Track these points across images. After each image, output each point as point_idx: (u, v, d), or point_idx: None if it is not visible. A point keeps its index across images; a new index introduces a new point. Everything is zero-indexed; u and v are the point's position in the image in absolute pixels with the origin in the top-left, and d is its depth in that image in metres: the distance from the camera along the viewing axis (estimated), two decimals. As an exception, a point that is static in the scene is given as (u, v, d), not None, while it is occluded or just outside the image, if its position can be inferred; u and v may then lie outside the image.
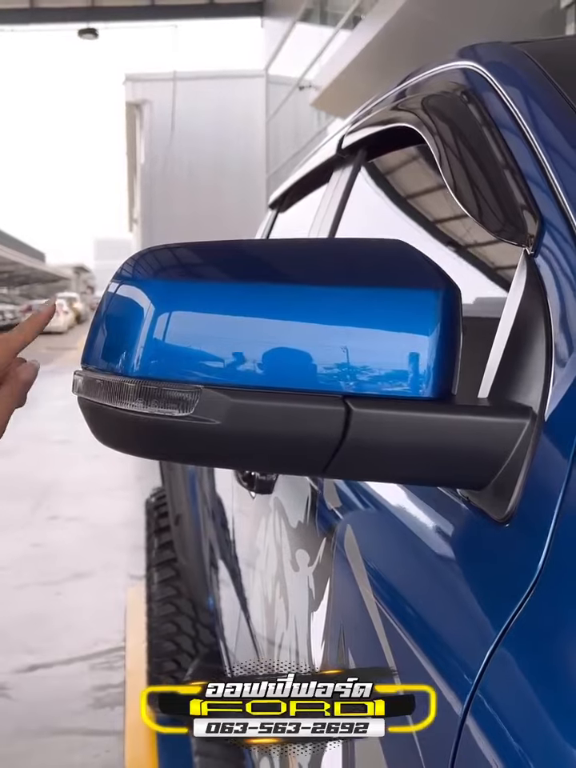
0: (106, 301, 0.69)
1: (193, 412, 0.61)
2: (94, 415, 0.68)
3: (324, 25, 15.56)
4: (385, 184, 1.48)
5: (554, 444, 0.58)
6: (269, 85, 21.19)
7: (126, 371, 0.64)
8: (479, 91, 0.98)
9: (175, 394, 0.62)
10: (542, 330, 0.64)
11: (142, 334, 0.63)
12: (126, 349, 0.64)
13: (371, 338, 0.61)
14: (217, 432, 0.61)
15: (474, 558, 0.62)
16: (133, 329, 0.64)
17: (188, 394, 0.62)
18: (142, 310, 0.64)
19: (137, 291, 0.65)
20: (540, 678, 0.51)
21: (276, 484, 1.16)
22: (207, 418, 0.61)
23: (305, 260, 0.66)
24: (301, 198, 2.09)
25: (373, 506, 0.81)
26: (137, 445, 0.66)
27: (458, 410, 0.62)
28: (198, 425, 0.61)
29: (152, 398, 0.62)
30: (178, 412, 0.62)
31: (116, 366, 0.65)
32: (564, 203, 0.70)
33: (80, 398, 0.69)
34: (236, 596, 1.63)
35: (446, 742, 0.56)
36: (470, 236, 1.10)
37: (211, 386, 0.62)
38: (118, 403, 0.64)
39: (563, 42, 1.19)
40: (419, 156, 1.31)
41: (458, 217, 1.17)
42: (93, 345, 0.68)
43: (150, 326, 0.63)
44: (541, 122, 0.84)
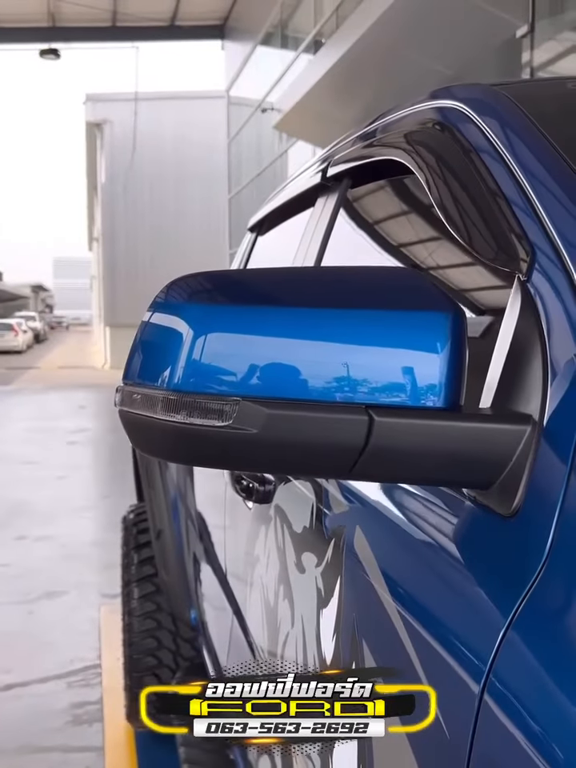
0: (146, 324, 0.76)
1: (232, 422, 0.69)
2: (136, 427, 0.75)
3: (285, 48, 15.77)
4: (369, 212, 1.57)
5: (553, 447, 0.67)
6: (230, 106, 21.37)
7: (169, 386, 0.71)
8: (463, 127, 1.07)
9: (215, 406, 0.69)
10: (538, 348, 0.72)
11: (183, 353, 0.70)
12: (168, 366, 0.71)
13: (390, 355, 0.69)
14: (253, 440, 0.69)
15: (482, 549, 0.70)
16: (173, 348, 0.71)
17: (227, 405, 0.69)
18: (182, 331, 0.71)
19: (175, 314, 0.73)
20: (549, 659, 0.56)
21: (275, 493, 1.23)
22: (245, 427, 0.68)
23: (328, 285, 0.74)
24: (281, 222, 2.17)
25: (380, 509, 0.89)
26: (179, 452, 0.73)
27: (467, 418, 0.70)
28: (237, 434, 0.69)
29: (194, 410, 0.69)
30: (218, 422, 0.69)
31: (158, 382, 0.72)
32: (552, 232, 0.79)
33: (122, 411, 0.76)
34: (228, 605, 1.69)
35: (464, 727, 0.60)
36: (454, 261, 1.19)
37: (248, 399, 0.69)
38: (162, 415, 0.71)
39: (535, 84, 1.29)
40: (403, 186, 1.40)
41: (440, 243, 1.26)
42: (135, 363, 0.75)
43: (190, 346, 0.70)
44: (524, 155, 0.93)
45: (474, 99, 1.13)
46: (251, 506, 1.35)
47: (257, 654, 1.38)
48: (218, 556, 1.89)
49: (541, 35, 6.66)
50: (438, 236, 1.22)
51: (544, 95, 1.18)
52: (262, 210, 2.37)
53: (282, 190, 2.23)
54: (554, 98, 1.16)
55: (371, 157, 1.37)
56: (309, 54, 13.05)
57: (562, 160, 0.89)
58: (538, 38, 6.65)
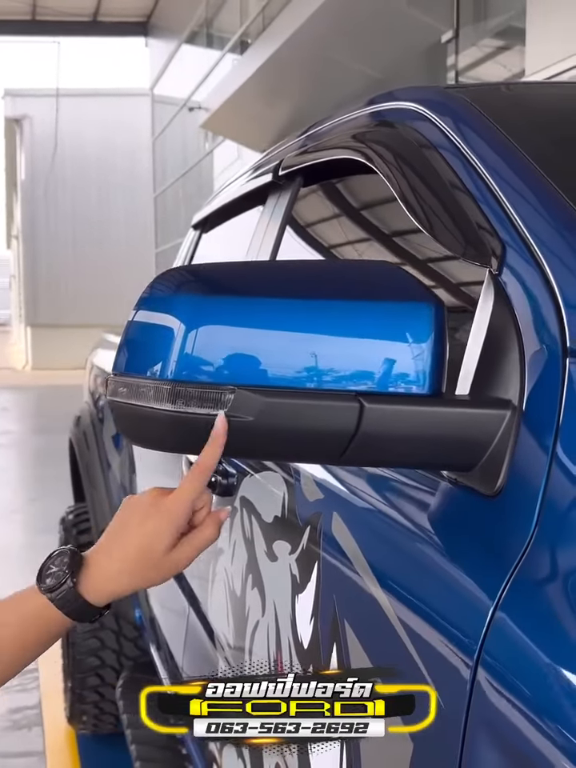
0: (133, 322, 0.77)
1: (228, 410, 0.71)
2: (127, 417, 0.76)
3: (210, 47, 15.73)
4: (324, 210, 1.61)
5: (532, 428, 0.71)
6: (155, 104, 21.19)
7: (163, 377, 0.72)
8: (422, 126, 1.11)
9: (211, 395, 0.71)
10: (514, 338, 0.77)
11: (175, 346, 0.72)
12: (160, 359, 0.73)
13: (378, 345, 0.73)
14: (249, 427, 0.71)
15: (466, 529, 0.73)
16: (165, 342, 0.73)
17: (223, 394, 0.71)
18: (172, 325, 0.73)
19: (164, 309, 0.74)
20: (538, 638, 0.58)
21: (240, 486, 1.25)
22: (241, 415, 0.70)
23: (317, 277, 0.76)
24: (227, 219, 2.19)
25: (358, 495, 0.92)
26: (174, 441, 0.74)
27: (452, 403, 0.74)
28: (232, 421, 0.71)
29: (191, 399, 0.71)
30: (214, 410, 0.71)
31: (152, 372, 0.73)
32: (521, 228, 0.83)
33: (112, 402, 0.77)
34: (183, 599, 1.70)
35: (459, 701, 0.62)
36: (414, 257, 1.23)
37: (243, 388, 0.71)
38: (155, 404, 0.73)
39: (486, 87, 1.35)
40: (358, 184, 1.44)
41: (400, 239, 1.30)
42: (125, 358, 0.77)
43: (182, 339, 0.72)
44: (485, 152, 0.97)
45: (430, 100, 1.17)
46: (213, 500, 1.37)
47: (218, 645, 1.40)
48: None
49: (465, 41, 6.84)
50: (396, 232, 1.26)
51: (496, 97, 1.23)
52: (207, 208, 2.38)
53: (227, 187, 2.24)
54: (505, 100, 1.21)
55: (326, 156, 1.40)
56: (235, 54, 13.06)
57: (523, 157, 0.93)
58: (462, 43, 6.82)
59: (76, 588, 0.81)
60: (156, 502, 0.80)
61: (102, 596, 0.83)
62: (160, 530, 0.79)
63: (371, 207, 1.42)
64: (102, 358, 3.34)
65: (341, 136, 1.38)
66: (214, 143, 16.23)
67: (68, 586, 0.81)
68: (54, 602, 0.82)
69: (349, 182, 1.48)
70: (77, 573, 0.82)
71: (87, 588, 0.82)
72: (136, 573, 0.81)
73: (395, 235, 1.28)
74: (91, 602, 0.82)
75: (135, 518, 0.81)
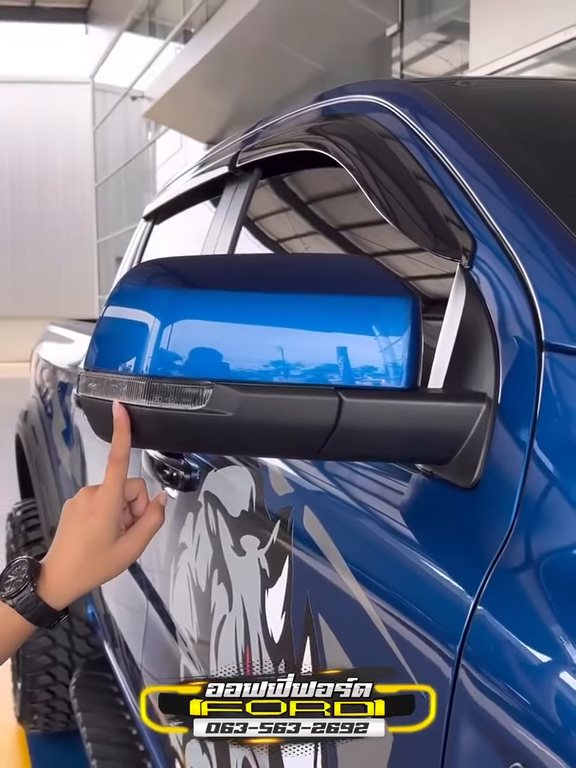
0: (105, 318, 0.76)
1: (206, 405, 0.70)
2: (99, 413, 0.75)
3: (153, 36, 15.55)
4: (284, 202, 1.60)
5: (507, 420, 0.71)
6: (96, 93, 20.86)
7: (138, 372, 0.71)
8: (385, 119, 1.11)
9: (189, 390, 0.70)
10: (487, 332, 0.77)
11: (150, 342, 0.71)
12: (135, 351, 0.72)
13: (355, 339, 0.73)
14: (228, 422, 0.70)
15: (443, 522, 0.74)
16: (139, 337, 0.72)
17: (201, 389, 0.70)
18: (147, 319, 0.72)
19: (138, 304, 0.73)
20: (520, 633, 0.58)
21: (205, 480, 1.24)
22: (220, 410, 0.70)
23: (292, 271, 0.76)
24: (180, 210, 2.16)
25: (330, 489, 0.92)
26: (150, 438, 0.73)
27: (429, 397, 0.74)
28: (211, 417, 0.70)
29: (168, 395, 0.70)
30: (192, 406, 0.70)
31: (125, 367, 0.72)
32: (491, 222, 0.84)
33: (83, 398, 0.76)
34: (142, 595, 1.68)
35: (440, 699, 0.62)
36: (380, 247, 1.24)
37: (221, 383, 0.70)
38: (130, 400, 0.71)
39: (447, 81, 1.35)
40: (318, 177, 1.43)
41: (363, 231, 1.30)
42: (98, 350, 0.75)
43: (158, 335, 0.71)
44: (450, 145, 0.97)
45: (392, 92, 1.18)
46: (175, 495, 1.35)
47: (180, 640, 1.39)
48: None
49: (409, 34, 6.89)
50: (359, 224, 1.27)
51: (456, 91, 1.24)
52: (158, 199, 2.35)
53: (179, 178, 2.22)
54: (465, 94, 1.22)
55: (286, 147, 1.40)
56: (178, 43, 12.93)
57: (488, 150, 0.94)
58: (407, 36, 6.87)
59: (36, 593, 0.86)
60: (88, 500, 0.86)
61: (63, 597, 0.87)
62: (98, 525, 0.84)
63: (334, 199, 1.42)
64: (49, 351, 3.28)
65: (302, 128, 1.37)
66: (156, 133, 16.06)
67: (28, 591, 0.85)
68: (15, 607, 0.86)
69: (310, 174, 1.47)
70: (35, 579, 0.86)
71: (47, 592, 0.86)
72: (91, 569, 0.87)
73: (358, 227, 1.28)
74: (52, 606, 0.86)
75: (74, 519, 0.86)
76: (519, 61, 5.50)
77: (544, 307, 0.74)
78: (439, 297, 0.92)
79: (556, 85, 1.51)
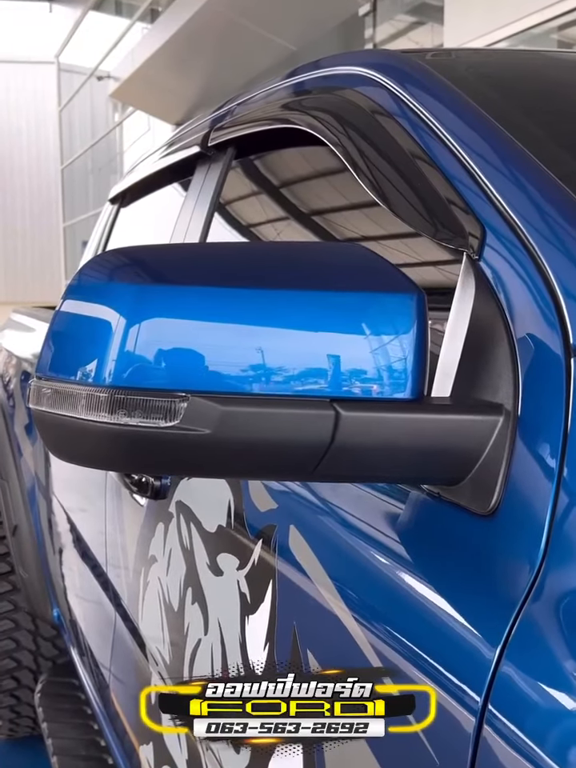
0: (60, 313, 0.65)
1: (180, 421, 0.59)
2: (55, 430, 0.63)
3: (119, 15, 15.25)
4: (261, 183, 1.49)
5: (531, 437, 0.62)
6: (61, 73, 20.42)
7: (98, 382, 0.60)
8: (377, 94, 1.00)
9: (160, 403, 0.59)
10: (502, 331, 0.67)
11: (113, 344, 0.60)
12: (95, 355, 0.61)
13: (354, 342, 0.62)
14: (205, 441, 0.59)
15: (457, 552, 0.64)
16: (100, 339, 0.61)
17: (174, 402, 0.59)
18: (109, 318, 0.61)
19: (99, 299, 0.62)
20: (553, 690, 0.50)
21: (177, 488, 1.13)
22: (196, 427, 0.59)
23: (278, 262, 0.65)
24: (148, 193, 2.04)
25: (319, 506, 0.82)
26: (115, 459, 0.62)
27: (438, 409, 0.64)
28: (186, 435, 0.59)
29: (135, 409, 0.59)
30: (163, 422, 0.59)
31: (84, 377, 0.61)
32: (502, 206, 0.74)
33: (35, 411, 0.64)
34: (109, 605, 1.57)
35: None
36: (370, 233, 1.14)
37: (197, 394, 0.60)
38: (90, 415, 0.60)
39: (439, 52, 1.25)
40: (300, 155, 1.33)
41: (347, 215, 1.20)
42: (52, 352, 0.64)
43: (122, 335, 0.60)
44: (453, 122, 0.87)
45: (382, 64, 1.07)
46: (144, 502, 1.24)
47: (150, 658, 1.28)
48: (92, 551, 1.76)
49: (382, 14, 6.76)
50: (346, 207, 1.16)
51: (451, 62, 1.13)
52: (125, 180, 2.23)
53: (147, 158, 2.10)
54: (462, 65, 1.11)
55: (263, 125, 1.29)
56: (145, 23, 12.67)
57: (494, 124, 0.84)
58: (379, 17, 6.75)
59: None
60: None
61: None
62: None
63: (316, 180, 1.31)
64: (12, 340, 3.15)
65: (280, 103, 1.26)
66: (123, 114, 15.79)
67: None
68: None
69: (290, 153, 1.37)
70: None
71: None
72: None
73: (345, 210, 1.18)
74: None
75: None
76: (492, 43, 5.41)
77: (571, 303, 0.64)
78: (442, 292, 0.82)
79: (552, 56, 1.41)
